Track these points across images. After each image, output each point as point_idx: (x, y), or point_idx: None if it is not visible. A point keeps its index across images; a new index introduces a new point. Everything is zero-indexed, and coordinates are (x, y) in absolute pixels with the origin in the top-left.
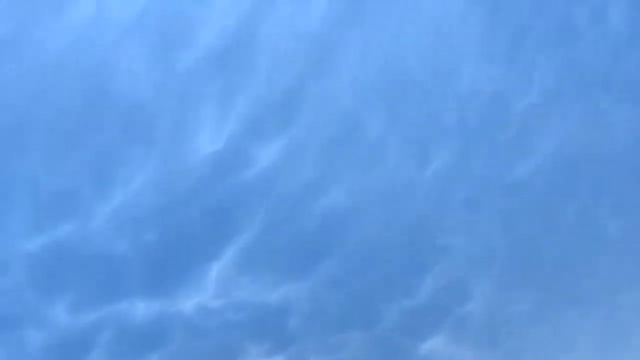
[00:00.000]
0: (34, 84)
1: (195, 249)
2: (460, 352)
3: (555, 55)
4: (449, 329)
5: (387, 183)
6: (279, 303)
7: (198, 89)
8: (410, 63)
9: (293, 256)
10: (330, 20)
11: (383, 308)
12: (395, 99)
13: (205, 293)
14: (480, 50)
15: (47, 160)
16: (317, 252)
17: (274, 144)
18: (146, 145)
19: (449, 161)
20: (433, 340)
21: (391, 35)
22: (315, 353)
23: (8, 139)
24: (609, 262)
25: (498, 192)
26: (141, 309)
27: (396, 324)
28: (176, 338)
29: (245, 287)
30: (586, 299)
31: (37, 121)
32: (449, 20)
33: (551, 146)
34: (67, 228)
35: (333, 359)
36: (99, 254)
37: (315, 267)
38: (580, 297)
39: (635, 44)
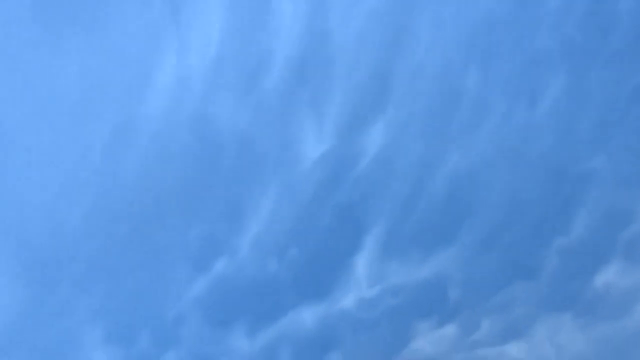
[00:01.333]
0: (151, 151)
1: (337, 248)
2: (637, 275)
3: None
4: (618, 255)
5: (502, 133)
6: (432, 276)
7: (291, 99)
8: (488, 5)
9: (432, 228)
10: None
11: (541, 253)
12: (483, 47)
13: (360, 286)
14: None
15: (185, 213)
16: (455, 218)
17: (376, 128)
18: (261, 170)
19: (561, 88)
20: (605, 271)
21: None
22: (486, 314)
23: (148, 207)
24: None
25: (625, 102)
26: (308, 317)
27: (559, 265)
28: (347, 334)
29: (395, 270)
30: None
31: (165, 183)
32: None
33: None
34: (220, 265)
35: (506, 317)
36: (254, 279)
37: (457, 232)
38: None
39: None
